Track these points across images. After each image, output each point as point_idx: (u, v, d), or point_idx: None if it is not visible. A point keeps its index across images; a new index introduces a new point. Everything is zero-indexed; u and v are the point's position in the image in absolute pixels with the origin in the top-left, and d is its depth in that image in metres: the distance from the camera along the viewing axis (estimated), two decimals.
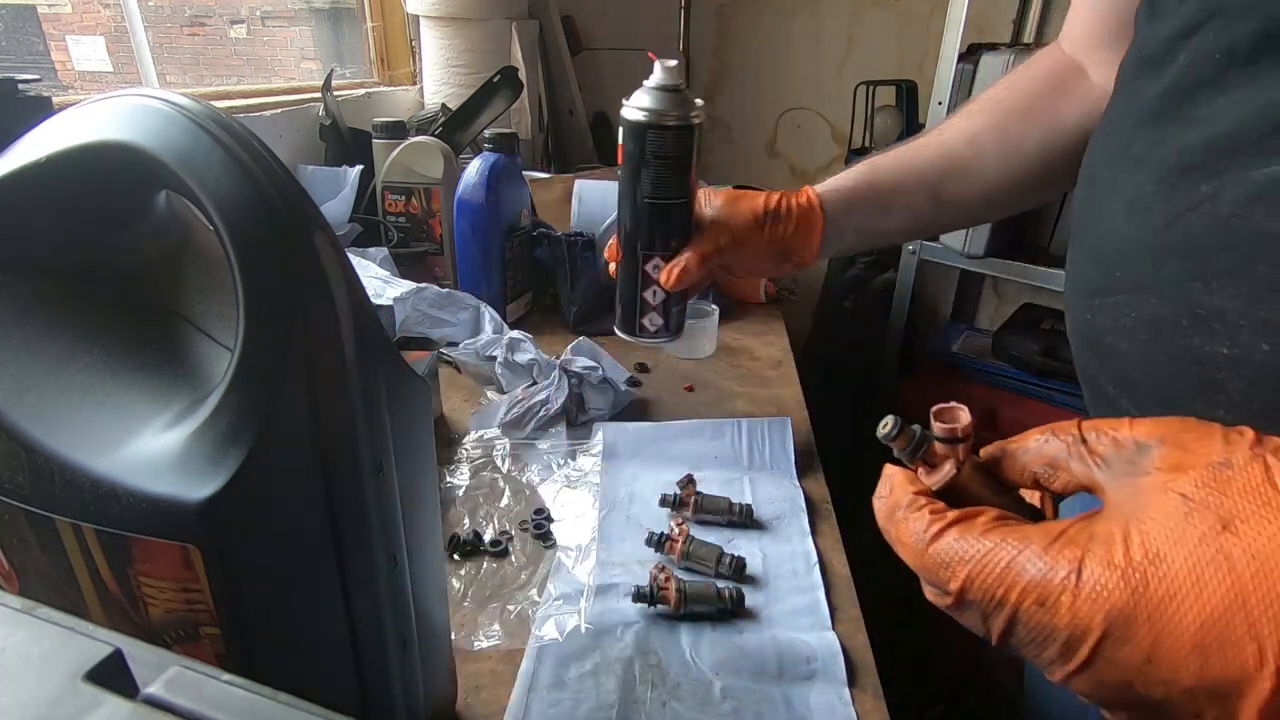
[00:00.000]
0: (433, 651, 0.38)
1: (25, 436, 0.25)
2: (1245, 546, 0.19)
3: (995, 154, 0.58)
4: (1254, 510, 0.20)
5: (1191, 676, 0.20)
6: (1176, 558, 0.20)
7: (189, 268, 0.33)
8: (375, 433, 0.30)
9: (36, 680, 0.15)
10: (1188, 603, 0.20)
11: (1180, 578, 0.20)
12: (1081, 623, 0.21)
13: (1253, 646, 0.19)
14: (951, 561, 0.24)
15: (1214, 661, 0.19)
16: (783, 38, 1.99)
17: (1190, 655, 0.20)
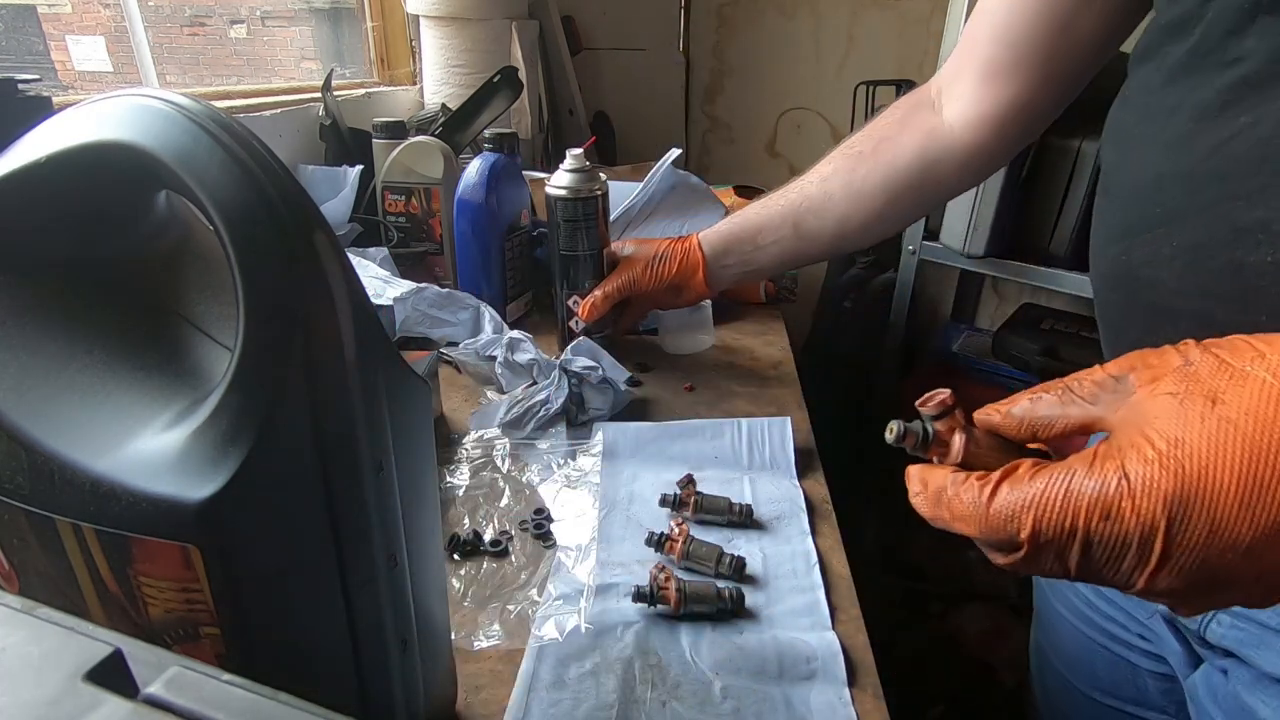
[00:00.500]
0: (433, 651, 0.38)
1: (25, 436, 0.25)
2: (1236, 408, 0.23)
3: (842, 193, 0.70)
4: (1225, 383, 0.24)
5: (1248, 530, 0.22)
6: (1193, 437, 0.23)
7: (189, 268, 0.33)
8: (375, 433, 0.30)
9: (36, 680, 0.15)
10: (1219, 467, 0.23)
11: (1204, 450, 0.23)
12: (1146, 518, 0.23)
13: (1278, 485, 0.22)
14: (1015, 511, 0.26)
15: (1260, 509, 0.22)
16: (783, 38, 1.99)
17: (1240, 513, 0.22)
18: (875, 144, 0.69)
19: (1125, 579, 0.25)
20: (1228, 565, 0.23)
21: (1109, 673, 0.59)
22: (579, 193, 0.80)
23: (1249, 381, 0.23)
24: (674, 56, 2.04)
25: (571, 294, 0.86)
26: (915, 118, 0.67)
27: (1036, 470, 0.26)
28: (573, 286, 0.85)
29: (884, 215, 0.70)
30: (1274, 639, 0.42)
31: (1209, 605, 0.26)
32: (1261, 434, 0.22)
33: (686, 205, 1.04)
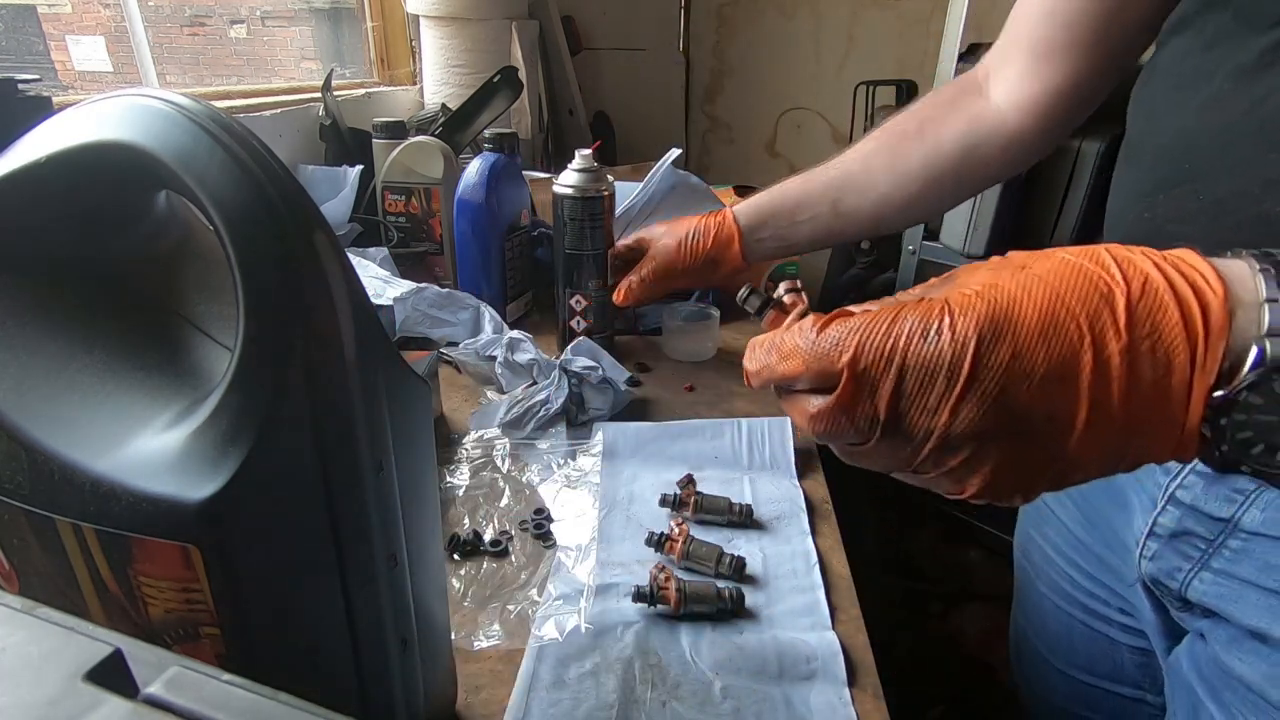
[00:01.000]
0: (433, 651, 0.38)
1: (25, 436, 0.25)
2: (1041, 268, 0.26)
3: (884, 171, 0.67)
4: (1034, 258, 0.27)
5: (1043, 361, 0.25)
6: (1005, 283, 0.26)
7: (189, 268, 0.33)
8: (375, 433, 0.30)
9: (36, 680, 0.15)
10: (1026, 303, 0.26)
11: (1015, 291, 0.26)
12: (960, 334, 0.26)
13: (1073, 325, 0.25)
14: (841, 337, 0.28)
15: (1054, 343, 0.25)
16: (783, 38, 1.99)
17: (1039, 342, 0.25)
18: (920, 124, 0.66)
19: (932, 408, 0.27)
20: (1023, 399, 0.26)
21: (1086, 648, 0.60)
22: (586, 192, 0.81)
23: (1052, 256, 0.27)
24: (674, 56, 2.04)
25: (575, 293, 0.86)
26: (963, 100, 0.64)
27: (867, 312, 0.28)
28: (577, 286, 0.85)
29: (924, 198, 0.67)
30: (1251, 592, 0.43)
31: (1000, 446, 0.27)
32: (1061, 284, 0.26)
33: (686, 205, 1.04)
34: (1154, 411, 0.26)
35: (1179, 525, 0.47)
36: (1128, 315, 0.25)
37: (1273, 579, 0.43)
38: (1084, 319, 0.25)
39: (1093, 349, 0.25)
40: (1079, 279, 0.26)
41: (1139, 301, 0.25)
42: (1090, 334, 0.25)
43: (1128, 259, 0.26)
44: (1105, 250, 0.26)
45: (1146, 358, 0.25)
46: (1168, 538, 0.48)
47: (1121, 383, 0.25)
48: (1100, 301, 0.25)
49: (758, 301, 0.34)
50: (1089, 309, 0.25)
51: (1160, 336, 0.25)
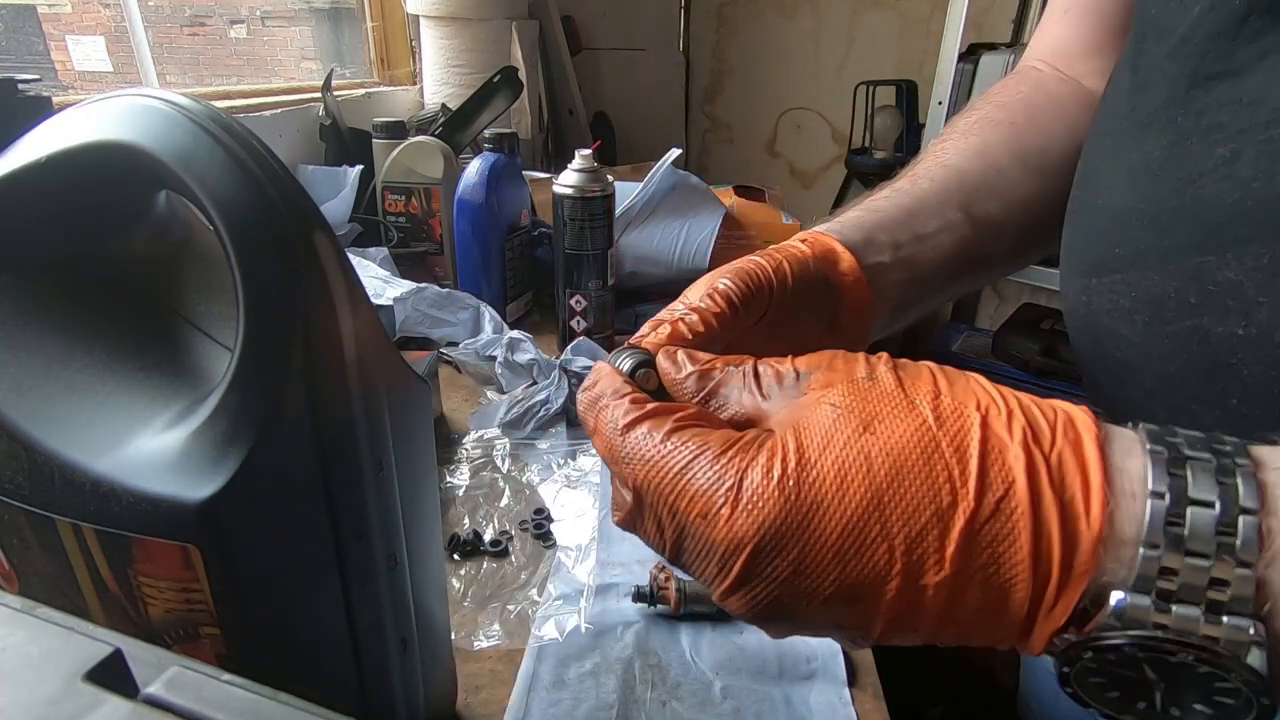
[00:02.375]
0: (433, 651, 0.38)
1: (25, 436, 0.25)
2: (881, 445, 0.21)
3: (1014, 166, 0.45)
4: (889, 411, 0.21)
5: (832, 584, 0.21)
6: (824, 463, 0.21)
7: (189, 268, 0.33)
8: (375, 433, 0.30)
9: (36, 680, 0.15)
10: (832, 510, 0.20)
11: (827, 484, 0.21)
12: (736, 536, 0.21)
13: (884, 547, 0.20)
14: (633, 458, 0.23)
15: (852, 567, 0.20)
16: (783, 38, 1.99)
17: (832, 563, 0.21)
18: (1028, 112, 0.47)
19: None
20: (802, 610, 0.22)
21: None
22: (586, 192, 0.81)
23: (909, 418, 0.21)
24: (674, 56, 2.04)
25: (575, 293, 0.86)
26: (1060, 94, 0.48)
27: (683, 425, 0.23)
28: (577, 286, 0.86)
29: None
30: None
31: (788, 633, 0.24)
32: (892, 482, 0.20)
33: (686, 205, 1.04)
34: (979, 634, 0.21)
35: None
36: (960, 542, 0.20)
37: None
38: (901, 542, 0.20)
39: (901, 580, 0.20)
40: (919, 476, 0.20)
41: (984, 525, 0.20)
42: (903, 562, 0.20)
43: (999, 450, 0.20)
44: (977, 419, 0.21)
45: (975, 589, 0.20)
46: None
47: (934, 615, 0.21)
48: (931, 519, 0.20)
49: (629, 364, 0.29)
50: (911, 530, 0.20)
51: (999, 571, 0.20)
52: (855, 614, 0.21)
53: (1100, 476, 0.19)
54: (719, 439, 0.23)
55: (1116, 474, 0.20)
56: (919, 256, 0.41)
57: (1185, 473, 0.19)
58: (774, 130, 2.09)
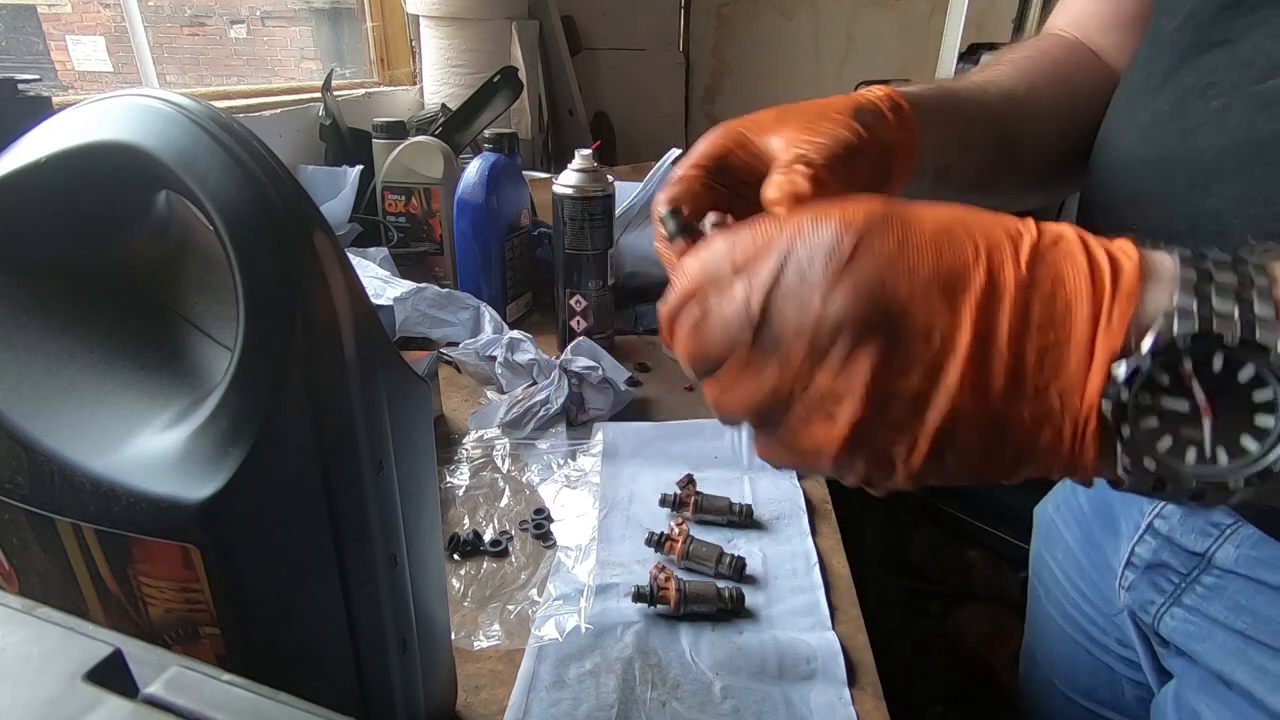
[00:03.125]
0: (433, 651, 0.38)
1: (25, 436, 0.25)
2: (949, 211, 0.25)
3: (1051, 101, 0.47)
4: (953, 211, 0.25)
5: (929, 266, 0.24)
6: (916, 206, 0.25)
7: (189, 268, 0.33)
8: (375, 433, 0.30)
9: (36, 680, 0.15)
10: (926, 217, 0.25)
11: (919, 207, 0.25)
12: (848, 220, 0.24)
13: (971, 244, 0.24)
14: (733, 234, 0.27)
15: (945, 254, 0.24)
16: (783, 38, 1.99)
17: (929, 247, 0.24)
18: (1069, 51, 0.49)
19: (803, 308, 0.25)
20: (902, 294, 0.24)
21: (1089, 675, 0.58)
22: (586, 192, 0.81)
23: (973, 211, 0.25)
24: (674, 56, 2.04)
25: (575, 293, 0.86)
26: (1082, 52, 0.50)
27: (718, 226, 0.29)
28: (577, 286, 0.86)
29: None
30: (1220, 632, 0.42)
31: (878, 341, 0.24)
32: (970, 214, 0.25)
33: None
34: (1047, 370, 0.23)
35: (1155, 556, 0.46)
36: (1031, 253, 0.23)
37: (1241, 620, 0.41)
38: (983, 241, 0.24)
39: (986, 270, 0.23)
40: (991, 217, 0.24)
41: (1047, 249, 0.23)
42: (987, 256, 0.23)
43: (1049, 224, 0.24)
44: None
45: (1045, 299, 0.23)
46: (1144, 569, 0.47)
47: (1012, 318, 0.23)
48: (1004, 236, 0.24)
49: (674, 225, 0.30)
50: (990, 238, 0.24)
51: (1063, 281, 0.23)
52: (947, 309, 0.23)
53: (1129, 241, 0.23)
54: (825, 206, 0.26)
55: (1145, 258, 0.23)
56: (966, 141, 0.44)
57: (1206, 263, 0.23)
58: None
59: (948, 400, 0.24)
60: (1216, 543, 0.42)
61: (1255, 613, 0.40)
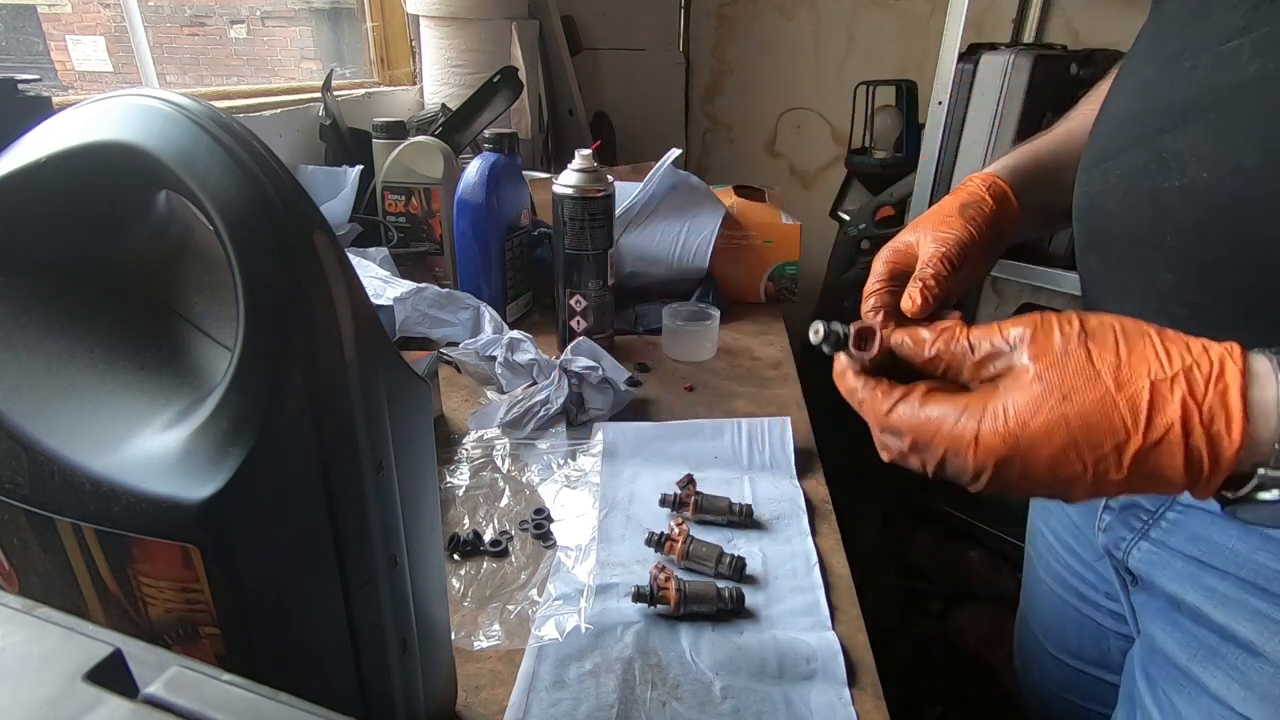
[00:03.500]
0: (433, 651, 0.38)
1: (25, 436, 0.25)
2: (1075, 409, 0.31)
3: None
4: (1081, 384, 0.31)
5: (1046, 485, 0.32)
6: (1034, 422, 0.31)
7: (189, 268, 0.33)
8: (375, 433, 0.30)
9: (36, 680, 0.15)
10: (1042, 448, 0.31)
11: (1038, 435, 0.31)
12: (981, 464, 0.33)
13: (1079, 464, 0.31)
14: (901, 428, 0.35)
15: (1060, 472, 0.31)
16: (783, 38, 1.99)
17: (1046, 473, 0.32)
18: None
19: (962, 483, 0.34)
20: (1025, 490, 0.33)
21: (1077, 634, 0.63)
22: (586, 192, 0.81)
23: (1094, 388, 0.31)
24: (674, 56, 2.04)
25: (575, 293, 0.86)
26: None
27: (926, 399, 0.35)
28: (577, 286, 0.86)
29: None
30: (1177, 560, 0.47)
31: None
32: (1082, 432, 0.31)
33: (686, 205, 1.04)
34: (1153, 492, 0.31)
35: (1128, 498, 0.51)
36: (1132, 460, 0.30)
37: (1196, 548, 0.46)
38: (1091, 461, 0.31)
39: (1091, 481, 0.31)
40: (1103, 426, 0.30)
41: (1150, 450, 0.30)
42: (1093, 471, 0.31)
43: (1162, 406, 0.30)
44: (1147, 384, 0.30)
45: (1143, 483, 0.31)
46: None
47: (1115, 489, 0.31)
48: (1112, 449, 0.30)
49: (835, 339, 0.38)
50: (1098, 454, 0.31)
51: (1161, 474, 0.30)
52: (1064, 490, 0.32)
53: (1240, 415, 0.29)
54: (952, 404, 0.34)
55: (1253, 407, 0.29)
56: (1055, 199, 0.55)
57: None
58: (774, 130, 2.09)
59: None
60: None
61: (1208, 540, 0.46)
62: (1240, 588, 0.44)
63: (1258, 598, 0.43)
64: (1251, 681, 0.43)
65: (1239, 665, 0.43)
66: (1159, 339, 0.31)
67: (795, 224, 1.08)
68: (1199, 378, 0.30)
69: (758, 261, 1.09)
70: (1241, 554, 0.44)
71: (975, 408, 0.33)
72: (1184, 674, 0.46)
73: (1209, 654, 0.45)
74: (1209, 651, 0.45)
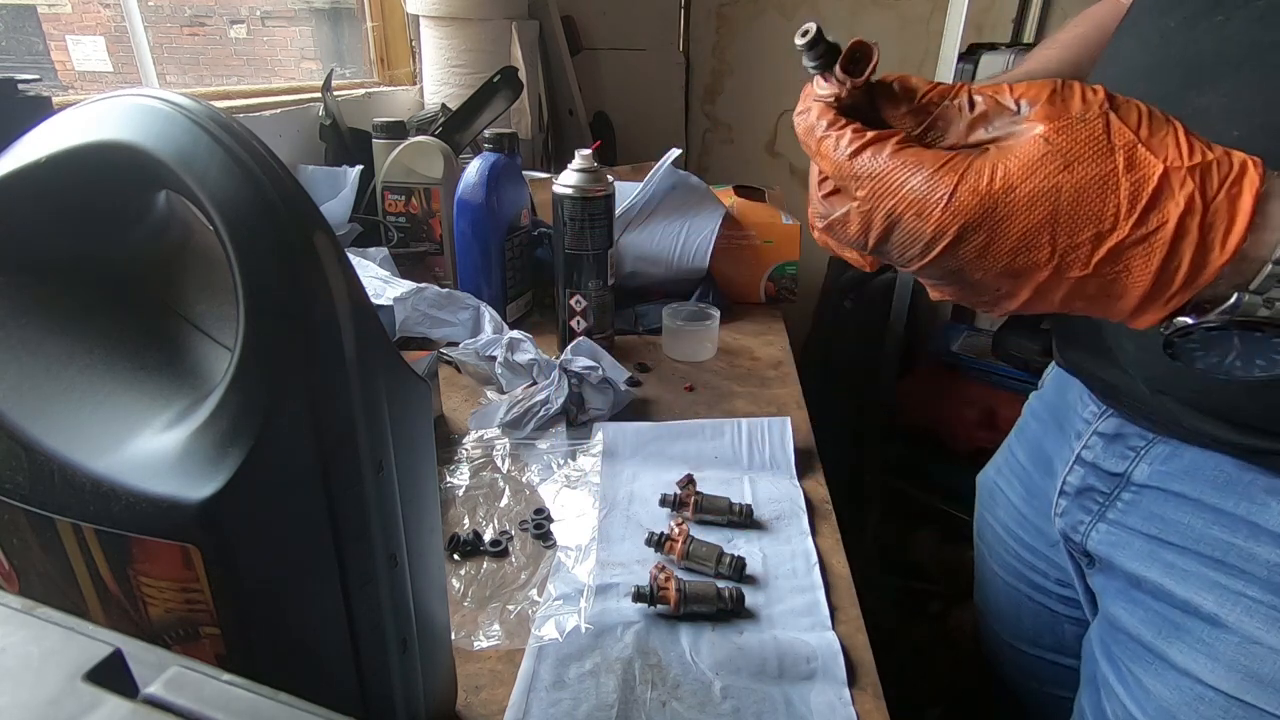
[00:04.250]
0: (433, 651, 0.38)
1: (25, 436, 0.25)
2: (1073, 181, 0.27)
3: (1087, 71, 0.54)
4: (1089, 153, 0.27)
5: (1004, 264, 0.29)
6: (1023, 187, 0.28)
7: (189, 268, 0.33)
8: (375, 433, 0.30)
9: (36, 680, 0.15)
10: (1019, 219, 0.28)
11: (1020, 202, 0.28)
12: (943, 228, 0.29)
13: (1048, 249, 0.28)
14: (862, 175, 0.30)
15: (1021, 256, 0.28)
16: (783, 38, 1.99)
17: (1009, 251, 0.28)
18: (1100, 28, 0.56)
19: (903, 259, 0.31)
20: (975, 277, 0.30)
21: (1032, 622, 0.64)
22: (586, 192, 0.81)
23: (1103, 162, 0.27)
24: (674, 56, 2.04)
25: (575, 293, 0.86)
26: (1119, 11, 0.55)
27: (898, 149, 0.30)
28: (577, 286, 0.86)
29: None
30: (1136, 539, 0.48)
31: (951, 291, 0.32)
32: (1068, 206, 0.27)
33: (686, 205, 1.04)
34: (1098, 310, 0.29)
35: (1083, 482, 0.52)
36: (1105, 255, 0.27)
37: (1154, 526, 0.47)
38: (1061, 248, 0.28)
39: (1051, 271, 0.28)
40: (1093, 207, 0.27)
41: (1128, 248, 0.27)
42: (1057, 260, 0.28)
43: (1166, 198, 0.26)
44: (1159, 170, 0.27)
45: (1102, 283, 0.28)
46: (1074, 494, 0.53)
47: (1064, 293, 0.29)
48: (1090, 237, 0.27)
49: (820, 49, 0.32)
50: (1072, 241, 0.28)
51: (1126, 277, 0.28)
52: (1010, 284, 0.29)
53: (1245, 222, 0.26)
54: (931, 158, 0.29)
55: (1262, 217, 0.26)
56: None
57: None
58: (774, 130, 2.09)
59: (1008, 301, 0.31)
60: (1133, 463, 0.49)
61: (1164, 518, 0.46)
62: (1199, 562, 0.44)
63: (1216, 570, 0.44)
64: (1217, 653, 0.43)
65: (1204, 638, 0.44)
66: (1184, 130, 0.28)
67: (795, 224, 1.08)
68: (1215, 176, 0.27)
69: (758, 261, 1.09)
70: (1197, 529, 0.45)
71: (958, 162, 0.29)
72: (1149, 650, 0.47)
73: (1173, 629, 0.46)
74: (1173, 626, 0.46)
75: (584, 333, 0.86)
